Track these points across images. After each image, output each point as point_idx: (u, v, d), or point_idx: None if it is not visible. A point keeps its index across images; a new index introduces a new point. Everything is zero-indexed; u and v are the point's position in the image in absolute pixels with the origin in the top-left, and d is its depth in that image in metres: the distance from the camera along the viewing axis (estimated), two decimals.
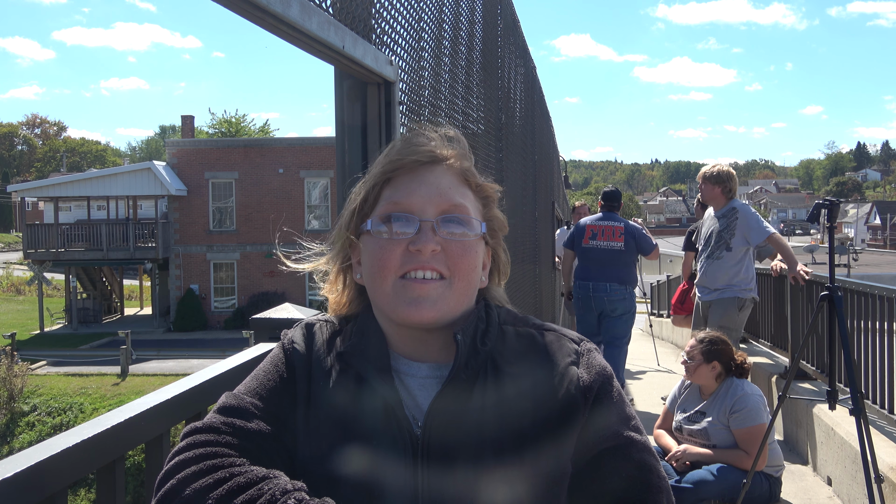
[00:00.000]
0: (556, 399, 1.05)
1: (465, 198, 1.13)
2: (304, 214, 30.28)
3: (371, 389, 1.06)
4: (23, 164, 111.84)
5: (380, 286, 1.09)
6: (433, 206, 1.09)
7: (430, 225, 1.07)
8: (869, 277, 16.73)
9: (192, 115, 37.83)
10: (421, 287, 1.05)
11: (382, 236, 1.09)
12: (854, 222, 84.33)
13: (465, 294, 1.10)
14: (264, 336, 2.02)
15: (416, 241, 1.06)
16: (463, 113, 3.23)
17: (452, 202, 1.10)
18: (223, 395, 1.10)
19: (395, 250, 1.07)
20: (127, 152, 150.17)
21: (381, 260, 1.08)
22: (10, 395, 20.30)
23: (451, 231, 1.09)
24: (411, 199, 1.09)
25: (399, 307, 1.06)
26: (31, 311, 33.76)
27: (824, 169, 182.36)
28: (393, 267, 1.07)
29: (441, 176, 1.12)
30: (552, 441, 1.04)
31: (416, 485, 1.01)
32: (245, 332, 23.12)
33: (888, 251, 58.38)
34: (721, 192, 5.73)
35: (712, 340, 4.12)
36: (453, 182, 1.13)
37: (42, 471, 1.04)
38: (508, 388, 1.06)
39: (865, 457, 3.61)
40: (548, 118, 9.96)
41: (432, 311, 1.06)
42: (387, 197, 1.11)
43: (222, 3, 1.19)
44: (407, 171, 1.12)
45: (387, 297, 1.08)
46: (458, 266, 1.08)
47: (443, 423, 1.03)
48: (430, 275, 1.06)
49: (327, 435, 1.05)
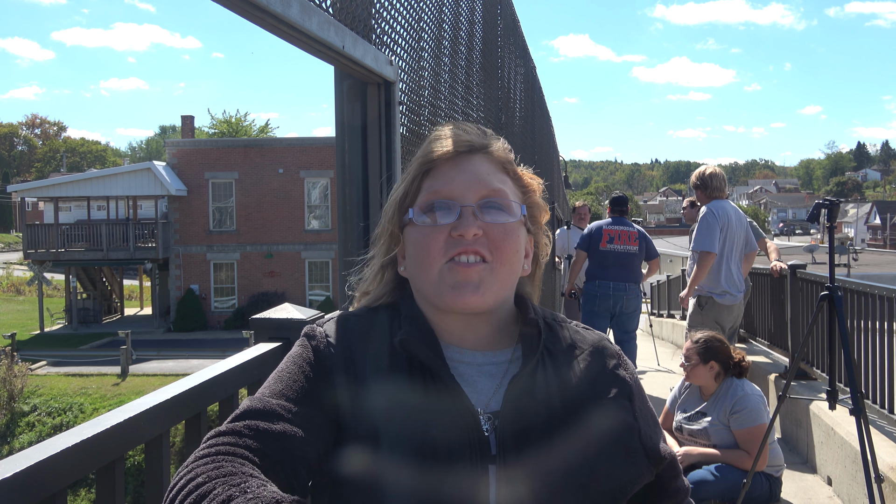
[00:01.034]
0: (610, 395, 1.11)
1: (503, 184, 1.14)
2: (305, 214, 30.28)
3: (432, 377, 1.05)
4: (23, 164, 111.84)
5: (426, 273, 1.10)
6: (473, 192, 1.10)
7: (471, 210, 1.09)
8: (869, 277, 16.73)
9: (192, 115, 37.83)
10: (465, 271, 1.07)
11: (426, 225, 1.10)
12: (854, 222, 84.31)
13: (507, 279, 1.11)
14: (264, 336, 2.02)
15: (457, 227, 1.08)
16: (463, 113, 3.23)
17: (491, 187, 1.11)
18: (245, 399, 1.05)
19: (439, 237, 1.09)
20: (127, 152, 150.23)
21: (425, 248, 1.09)
22: (10, 395, 20.30)
23: (491, 215, 1.10)
24: (451, 186, 1.11)
25: (444, 292, 1.07)
26: (31, 312, 33.76)
27: (824, 169, 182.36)
28: (437, 254, 1.08)
29: (479, 163, 1.14)
30: (614, 433, 1.08)
31: (490, 473, 1.00)
32: (245, 332, 23.11)
33: (888, 251, 58.35)
34: (702, 194, 5.88)
35: (707, 340, 4.12)
36: (492, 169, 1.14)
37: (42, 471, 1.04)
38: (566, 377, 1.10)
39: (865, 457, 3.61)
40: (548, 118, 9.96)
41: (475, 295, 1.07)
42: (427, 187, 1.13)
43: (222, 3, 1.19)
44: (446, 162, 1.14)
45: (432, 284, 1.09)
46: (500, 249, 1.09)
47: (518, 410, 1.04)
48: (472, 258, 1.07)
49: (384, 427, 1.01)
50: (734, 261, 5.78)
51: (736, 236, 5.77)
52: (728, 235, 5.71)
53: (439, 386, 1.04)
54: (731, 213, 5.76)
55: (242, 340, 22.98)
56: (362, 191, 1.96)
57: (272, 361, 1.96)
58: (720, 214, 5.67)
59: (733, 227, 5.74)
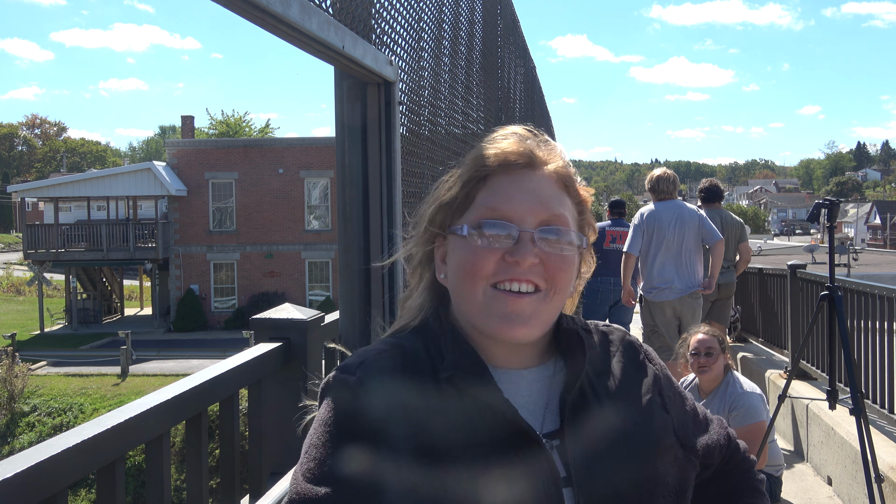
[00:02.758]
0: (649, 394, 1.10)
1: (564, 206, 1.06)
2: (304, 215, 30.28)
3: (489, 409, 0.97)
4: (23, 164, 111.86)
5: (469, 293, 1.01)
6: (533, 216, 1.02)
7: (530, 236, 1.00)
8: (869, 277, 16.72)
9: (192, 115, 37.80)
10: (515, 301, 0.99)
11: (476, 242, 1.01)
12: (854, 222, 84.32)
13: (558, 307, 1.05)
14: (264, 336, 2.02)
15: (514, 252, 0.99)
16: (463, 113, 3.23)
17: (553, 212, 1.03)
18: (291, 483, 0.96)
19: (490, 258, 1.00)
20: (127, 153, 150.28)
21: (473, 266, 1.00)
22: (10, 395, 20.30)
23: (550, 244, 1.01)
24: (510, 205, 1.02)
25: (490, 321, 1.00)
26: (31, 312, 33.76)
27: (824, 169, 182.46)
28: (486, 275, 1.00)
29: (541, 182, 1.05)
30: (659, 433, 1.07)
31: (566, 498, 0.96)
32: (245, 333, 23.14)
33: (888, 251, 58.37)
34: (654, 197, 6.22)
35: (714, 332, 4.16)
36: (553, 189, 1.05)
37: (42, 471, 1.04)
38: (610, 384, 1.07)
39: (865, 456, 3.61)
40: (548, 118, 9.96)
41: (525, 328, 1.00)
42: (482, 201, 1.03)
43: (222, 3, 1.19)
44: (504, 173, 1.04)
45: (477, 307, 1.01)
46: (555, 279, 1.01)
47: (579, 429, 1.01)
48: (525, 287, 1.00)
49: (446, 473, 0.92)
50: (670, 258, 5.95)
51: (670, 235, 5.93)
52: (657, 235, 5.95)
53: (496, 416, 0.97)
54: (663, 214, 5.97)
55: (242, 340, 22.99)
56: (362, 191, 1.96)
57: (272, 361, 1.96)
58: (647, 217, 6.04)
59: (664, 226, 5.94)
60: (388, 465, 0.92)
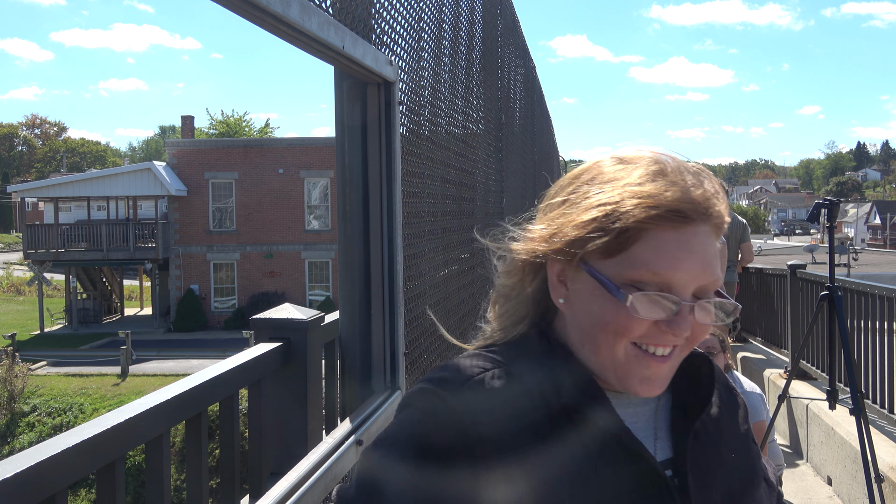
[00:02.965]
0: (742, 421, 1.09)
1: (720, 264, 0.94)
2: (304, 215, 30.29)
3: (611, 439, 0.92)
4: (23, 164, 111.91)
5: (609, 347, 0.92)
6: (695, 283, 0.90)
7: (690, 307, 0.89)
8: (869, 277, 16.73)
9: (192, 115, 37.84)
10: (659, 366, 0.91)
11: (628, 303, 0.89)
12: (854, 222, 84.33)
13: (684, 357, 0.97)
14: (265, 336, 2.02)
15: (671, 324, 0.89)
16: (463, 113, 3.24)
17: (714, 277, 0.91)
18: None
19: (643, 324, 0.89)
20: (127, 153, 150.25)
21: (621, 328, 0.90)
22: (10, 395, 20.31)
23: (704, 315, 0.91)
24: (676, 273, 0.88)
25: (630, 381, 0.92)
26: (31, 312, 33.76)
27: (824, 169, 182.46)
28: (631, 336, 0.91)
29: (707, 241, 0.91)
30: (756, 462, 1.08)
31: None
32: (245, 333, 23.15)
33: (888, 251, 58.37)
34: None
35: (712, 332, 4.15)
36: (716, 249, 0.92)
37: (42, 471, 1.04)
38: (712, 410, 1.03)
39: (865, 456, 3.61)
40: (548, 118, 9.96)
41: (660, 388, 0.93)
42: (642, 256, 0.89)
43: (222, 3, 1.19)
44: (670, 226, 0.89)
45: (614, 364, 0.92)
46: (695, 341, 0.93)
47: (695, 459, 0.96)
48: (669, 351, 0.92)
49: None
50: None
51: None
52: None
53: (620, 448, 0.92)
54: None
55: (242, 340, 23.00)
56: (362, 191, 1.96)
57: (272, 361, 1.96)
58: None
59: None
60: (496, 495, 0.86)
